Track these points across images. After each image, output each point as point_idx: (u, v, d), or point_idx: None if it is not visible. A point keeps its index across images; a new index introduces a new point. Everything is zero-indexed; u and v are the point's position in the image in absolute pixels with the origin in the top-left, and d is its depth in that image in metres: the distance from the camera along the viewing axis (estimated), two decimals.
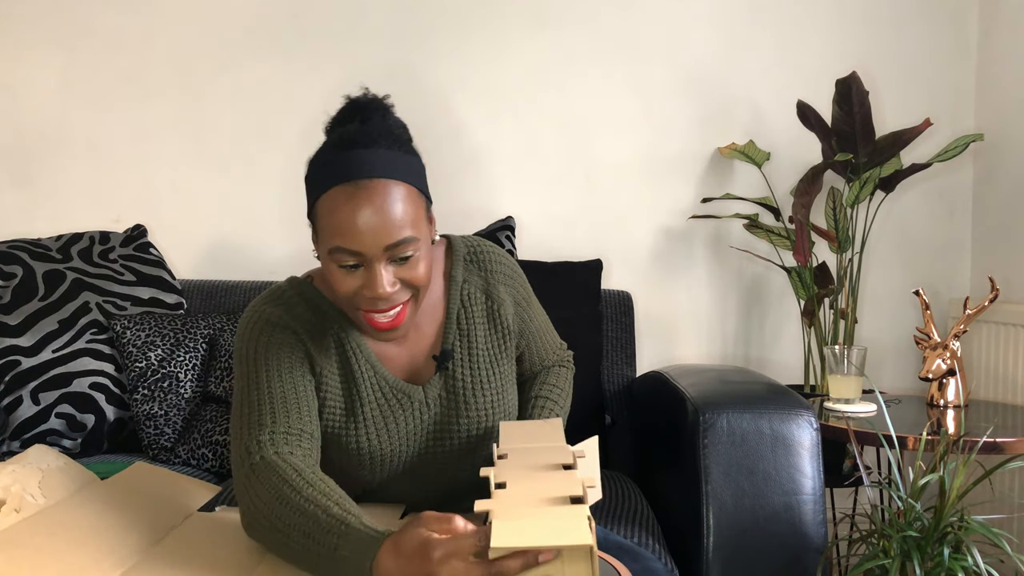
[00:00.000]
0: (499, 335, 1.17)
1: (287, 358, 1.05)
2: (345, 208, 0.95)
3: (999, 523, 2.00)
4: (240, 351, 1.07)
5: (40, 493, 1.06)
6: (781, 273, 2.28)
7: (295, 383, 1.05)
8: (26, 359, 1.87)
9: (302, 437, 1.02)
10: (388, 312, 1.00)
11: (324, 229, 0.97)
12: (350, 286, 0.98)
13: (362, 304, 1.00)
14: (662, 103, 2.29)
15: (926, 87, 2.28)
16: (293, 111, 2.28)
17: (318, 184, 0.98)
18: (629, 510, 1.47)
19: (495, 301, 1.17)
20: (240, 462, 1.00)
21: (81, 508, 1.05)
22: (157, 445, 1.82)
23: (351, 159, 0.96)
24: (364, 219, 0.94)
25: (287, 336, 1.06)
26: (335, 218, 0.95)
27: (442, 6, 2.27)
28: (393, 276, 0.98)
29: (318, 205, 0.98)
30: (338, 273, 0.98)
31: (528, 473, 0.85)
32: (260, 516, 0.94)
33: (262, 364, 1.05)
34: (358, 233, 0.95)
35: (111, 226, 2.27)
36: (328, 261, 0.99)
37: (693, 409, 1.39)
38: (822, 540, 1.34)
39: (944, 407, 1.89)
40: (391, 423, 1.10)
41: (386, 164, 0.97)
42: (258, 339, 1.06)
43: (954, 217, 2.31)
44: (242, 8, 2.28)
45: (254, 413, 1.02)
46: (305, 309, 1.09)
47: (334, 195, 0.96)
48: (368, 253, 0.96)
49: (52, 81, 2.29)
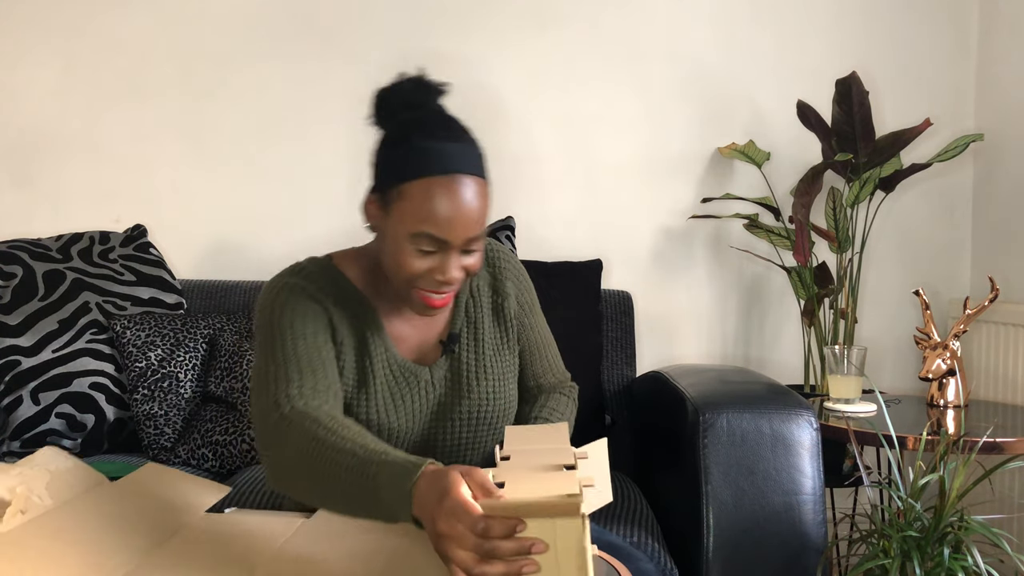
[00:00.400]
0: (502, 327, 1.23)
1: (311, 323, 1.09)
2: (442, 200, 1.01)
3: (999, 523, 2.00)
4: (263, 317, 1.10)
5: (47, 495, 1.05)
6: (781, 273, 2.28)
7: (319, 346, 1.08)
8: (26, 359, 1.87)
9: (328, 393, 1.05)
10: (444, 294, 1.07)
11: (410, 213, 1.02)
12: (420, 267, 1.04)
13: (424, 285, 1.06)
14: (662, 103, 2.29)
15: (926, 87, 2.28)
16: (293, 111, 2.28)
17: (408, 168, 1.02)
18: (629, 510, 1.47)
19: (501, 295, 1.23)
20: (267, 414, 1.01)
21: (87, 510, 1.05)
22: (157, 445, 1.82)
23: (448, 152, 1.02)
24: (457, 213, 1.01)
25: (311, 304, 1.10)
26: (429, 207, 1.01)
27: (442, 6, 2.27)
28: (460, 263, 1.06)
29: (407, 188, 1.02)
30: (412, 254, 1.03)
31: (528, 474, 0.86)
32: (292, 462, 0.95)
33: (287, 327, 1.08)
34: (449, 225, 1.01)
35: (111, 226, 2.27)
36: (405, 241, 1.03)
37: (693, 409, 1.39)
38: (822, 540, 1.34)
39: (944, 407, 1.89)
40: (398, 400, 1.14)
41: (474, 160, 1.04)
42: (284, 305, 1.09)
43: (954, 217, 2.31)
44: (242, 8, 2.28)
45: (280, 370, 1.05)
46: (327, 283, 1.13)
47: (430, 184, 1.01)
48: (453, 243, 1.03)
49: (52, 81, 2.29)
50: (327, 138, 2.29)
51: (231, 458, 1.76)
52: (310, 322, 1.09)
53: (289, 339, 1.07)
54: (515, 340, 1.24)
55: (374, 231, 1.10)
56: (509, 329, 1.23)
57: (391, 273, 1.08)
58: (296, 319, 1.08)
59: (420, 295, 1.07)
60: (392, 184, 1.04)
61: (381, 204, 1.06)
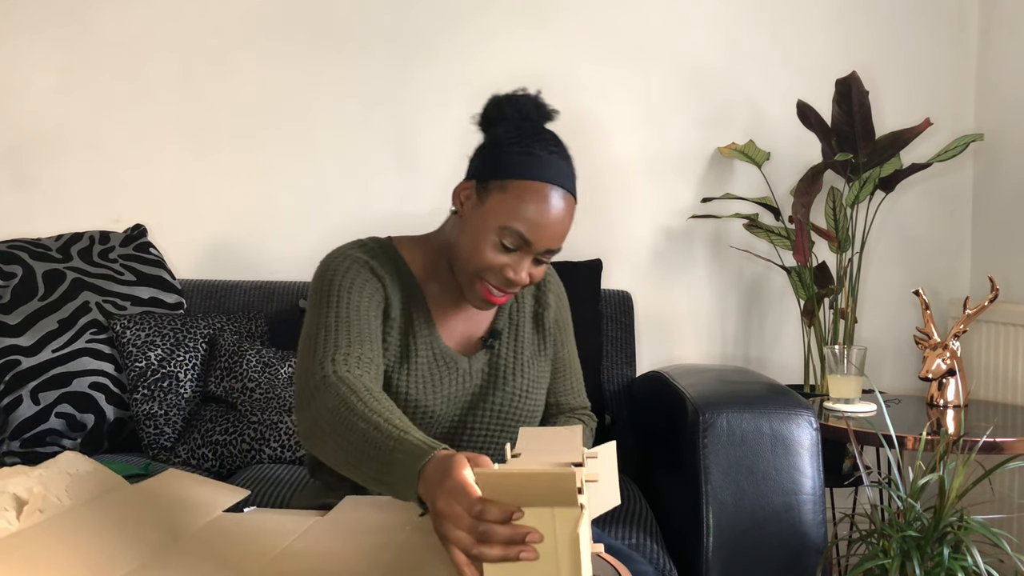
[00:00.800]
0: (540, 335, 1.28)
1: (367, 296, 1.13)
2: (541, 206, 1.08)
3: (999, 523, 1.99)
4: (322, 282, 1.13)
5: (67, 496, 1.06)
6: (781, 273, 2.28)
7: (369, 319, 1.12)
8: (26, 359, 1.87)
9: (371, 364, 1.08)
10: (505, 293, 1.13)
11: (506, 208, 1.08)
12: (495, 261, 1.10)
13: (491, 278, 1.11)
14: (662, 103, 2.29)
15: (926, 87, 2.28)
16: (293, 110, 2.28)
17: (518, 167, 1.09)
18: (629, 511, 1.47)
19: (542, 305, 1.29)
20: (309, 376, 1.05)
21: (105, 510, 1.05)
22: (157, 445, 1.82)
23: (556, 166, 1.11)
24: (550, 221, 1.09)
25: (368, 275, 1.14)
26: (527, 208, 1.08)
27: (442, 6, 2.27)
28: (530, 269, 1.12)
29: (511, 184, 1.09)
30: (494, 245, 1.09)
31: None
32: (323, 423, 0.98)
33: (343, 295, 1.11)
34: (539, 230, 1.08)
35: (111, 226, 2.27)
36: (491, 231, 1.09)
37: (693, 409, 1.39)
38: (822, 540, 1.34)
39: (944, 407, 1.89)
40: (437, 382, 1.18)
41: (572, 181, 1.13)
42: (345, 272, 1.13)
43: (954, 217, 2.31)
44: (242, 8, 2.28)
45: (330, 336, 1.08)
46: (386, 260, 1.18)
47: (534, 188, 1.08)
48: (535, 248, 1.09)
49: (52, 81, 2.29)
50: (327, 138, 2.29)
51: (231, 458, 1.76)
52: (366, 295, 1.13)
53: (344, 307, 1.11)
54: (550, 350, 1.29)
55: (459, 216, 1.15)
56: (546, 338, 1.28)
57: (463, 259, 1.12)
58: (354, 289, 1.12)
59: (483, 288, 1.12)
60: (497, 177, 1.10)
61: (479, 192, 1.11)
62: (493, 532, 0.74)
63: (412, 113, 2.29)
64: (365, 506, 1.10)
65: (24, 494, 1.01)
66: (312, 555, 0.96)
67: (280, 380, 1.84)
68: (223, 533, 1.05)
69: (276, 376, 1.84)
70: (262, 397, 1.82)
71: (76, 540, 0.95)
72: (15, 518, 0.97)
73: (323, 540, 1.01)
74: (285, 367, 1.86)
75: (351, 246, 1.18)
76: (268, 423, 1.78)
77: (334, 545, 0.98)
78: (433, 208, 2.29)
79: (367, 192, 2.29)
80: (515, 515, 0.74)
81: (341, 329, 1.09)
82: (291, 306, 2.08)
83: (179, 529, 1.05)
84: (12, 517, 0.97)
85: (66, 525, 0.98)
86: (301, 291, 2.11)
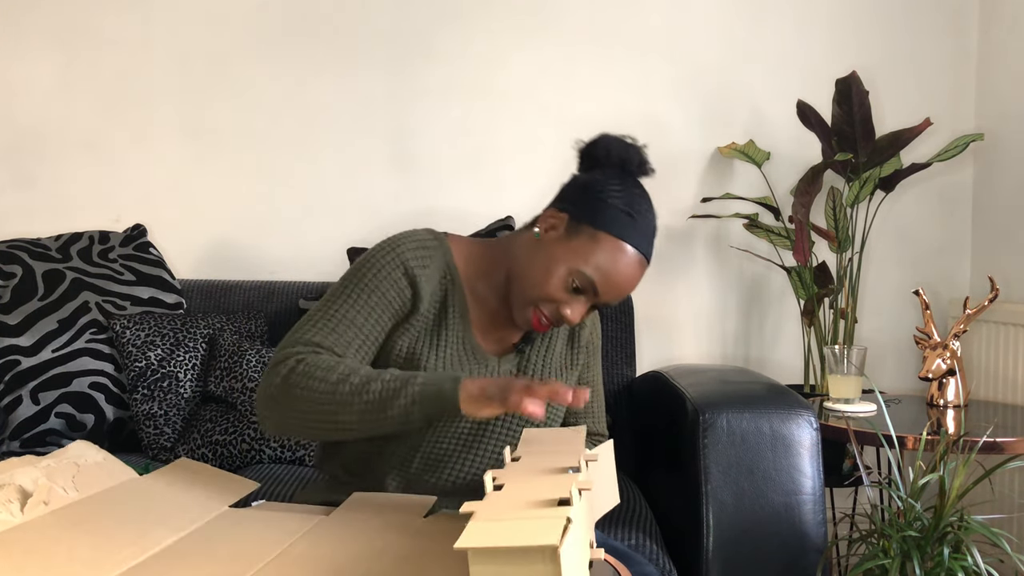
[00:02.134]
0: (572, 351, 1.29)
1: (386, 303, 1.15)
2: (621, 266, 1.13)
3: (999, 523, 1.99)
4: (354, 270, 1.16)
5: (73, 487, 1.05)
6: (781, 273, 2.28)
7: (373, 326, 1.14)
8: (26, 359, 1.87)
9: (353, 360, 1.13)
10: (552, 325, 1.16)
11: (589, 255, 1.12)
12: (558, 295, 1.13)
13: (547, 310, 1.14)
14: (662, 103, 2.29)
15: (926, 87, 2.28)
16: (293, 110, 2.28)
17: (613, 223, 1.13)
18: (628, 512, 1.47)
19: (579, 324, 1.28)
20: (292, 355, 1.08)
21: (111, 502, 1.05)
22: (157, 445, 1.82)
23: (645, 232, 1.16)
24: (623, 282, 1.13)
25: (399, 276, 1.15)
26: (607, 262, 1.12)
27: (442, 5, 2.27)
28: (584, 310, 1.16)
29: (601, 236, 1.12)
30: (562, 281, 1.13)
31: (529, 477, 0.85)
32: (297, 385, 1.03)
33: (361, 294, 1.14)
34: (611, 287, 1.13)
35: (111, 226, 2.27)
36: (564, 267, 1.12)
37: (693, 409, 1.39)
38: (822, 540, 1.34)
39: (944, 407, 1.89)
40: (465, 371, 1.18)
41: (651, 248, 1.17)
42: (376, 272, 1.15)
43: (954, 217, 2.31)
44: (242, 8, 2.28)
45: (330, 324, 1.12)
46: (435, 250, 1.19)
47: (622, 248, 1.13)
48: (599, 299, 1.14)
49: (52, 81, 2.29)
50: (327, 138, 2.29)
51: (231, 458, 1.76)
52: (387, 305, 1.15)
53: (357, 311, 1.13)
54: (579, 367, 1.30)
55: (538, 239, 1.16)
56: (578, 354, 1.29)
57: (527, 281, 1.15)
58: (376, 297, 1.14)
59: (535, 314, 1.14)
60: (593, 224, 1.13)
61: (568, 228, 1.14)
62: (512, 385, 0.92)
63: (411, 113, 2.29)
64: (371, 505, 1.09)
65: (30, 485, 1.01)
66: (310, 558, 0.96)
67: None
68: (225, 530, 1.04)
69: None
70: None
71: (79, 533, 0.94)
72: (19, 510, 0.97)
73: (320, 544, 1.00)
74: None
75: (404, 239, 1.19)
76: None
77: (330, 550, 0.98)
78: (431, 207, 2.29)
79: (367, 192, 2.29)
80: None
81: (341, 323, 1.12)
82: (291, 306, 2.08)
83: (183, 524, 1.04)
84: (16, 509, 0.97)
85: (70, 518, 0.98)
86: (301, 291, 2.11)
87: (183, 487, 1.15)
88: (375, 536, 1.00)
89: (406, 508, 1.10)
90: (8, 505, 0.97)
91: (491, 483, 0.84)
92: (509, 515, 0.74)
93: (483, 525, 0.73)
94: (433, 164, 2.29)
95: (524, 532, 0.70)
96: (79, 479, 1.08)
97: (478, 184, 2.28)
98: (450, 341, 1.18)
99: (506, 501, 0.78)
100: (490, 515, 0.75)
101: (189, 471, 1.21)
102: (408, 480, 1.19)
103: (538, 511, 0.74)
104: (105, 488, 1.09)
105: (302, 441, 1.77)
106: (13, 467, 1.04)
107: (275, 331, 2.04)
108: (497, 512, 0.75)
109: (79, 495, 1.05)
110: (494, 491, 0.82)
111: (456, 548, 0.70)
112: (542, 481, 0.83)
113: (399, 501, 1.12)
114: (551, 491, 0.79)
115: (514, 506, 0.76)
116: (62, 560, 0.88)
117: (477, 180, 2.29)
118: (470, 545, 0.69)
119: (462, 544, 0.69)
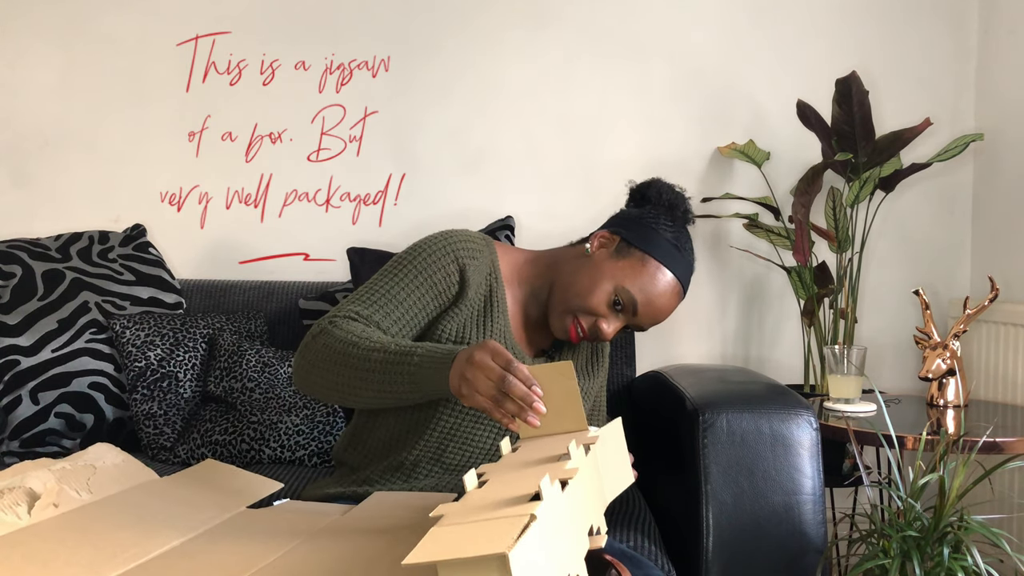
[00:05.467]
0: (593, 361, 1.37)
1: (432, 289, 1.20)
2: (662, 291, 1.22)
3: (999, 523, 1.99)
4: (406, 253, 1.22)
5: (87, 489, 1.05)
6: (781, 273, 2.28)
7: (414, 304, 1.19)
8: (25, 359, 1.87)
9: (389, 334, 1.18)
10: (586, 336, 1.23)
11: (636, 276, 1.21)
12: (599, 309, 1.21)
13: (585, 321, 1.22)
14: (662, 103, 2.29)
15: (926, 87, 2.28)
16: (293, 110, 2.28)
17: (661, 251, 1.22)
18: (627, 512, 1.47)
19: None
20: (328, 317, 1.14)
21: (124, 504, 1.04)
22: (156, 445, 1.82)
23: (687, 265, 1.25)
24: (661, 307, 1.23)
25: (448, 262, 1.20)
26: (652, 287, 1.21)
27: (442, 5, 2.27)
28: (618, 328, 1.24)
29: (651, 262, 1.22)
30: (606, 296, 1.21)
31: (516, 470, 0.84)
32: (333, 351, 1.08)
33: (410, 279, 1.19)
34: (650, 309, 1.22)
35: (110, 226, 2.27)
36: (610, 284, 1.21)
37: (693, 409, 1.38)
38: (822, 540, 1.33)
39: (944, 407, 1.89)
40: None
41: (689, 281, 1.27)
42: (427, 257, 1.20)
43: (954, 217, 2.31)
44: (242, 8, 2.28)
45: (373, 297, 1.17)
46: (484, 250, 1.25)
47: (666, 275, 1.22)
48: (635, 319, 1.22)
49: (52, 81, 2.29)
50: (327, 138, 2.29)
51: (231, 458, 1.76)
52: (432, 288, 1.19)
53: (402, 288, 1.18)
54: (597, 372, 1.37)
55: (587, 255, 1.25)
56: (598, 363, 1.37)
57: (571, 292, 1.22)
58: (423, 278, 1.19)
59: (571, 323, 1.22)
60: (643, 249, 1.22)
61: (619, 248, 1.23)
62: (513, 385, 0.90)
63: (412, 113, 2.29)
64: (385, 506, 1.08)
65: (39, 488, 1.00)
66: (302, 564, 0.95)
67: (280, 380, 1.84)
68: (235, 532, 1.04)
69: (276, 376, 1.84)
70: (262, 397, 1.82)
71: (83, 537, 0.94)
72: (26, 512, 0.96)
73: (316, 551, 0.99)
74: (285, 367, 1.86)
75: (456, 232, 1.24)
76: (268, 423, 1.77)
77: (326, 556, 0.97)
78: (431, 207, 2.29)
79: (366, 192, 2.29)
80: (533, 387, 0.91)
81: (386, 302, 1.17)
82: (291, 306, 2.07)
83: (194, 526, 1.03)
84: (23, 512, 0.96)
85: (78, 520, 0.97)
86: (301, 291, 2.11)
87: (201, 488, 1.14)
88: (371, 543, 1.00)
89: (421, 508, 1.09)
90: (15, 508, 0.96)
91: (475, 481, 0.82)
92: (474, 517, 0.72)
93: (443, 532, 0.70)
94: (433, 164, 2.29)
95: (478, 539, 0.67)
96: (95, 481, 1.07)
97: (478, 184, 2.28)
98: (495, 332, 1.24)
99: (479, 501, 0.76)
100: (456, 519, 0.72)
101: (212, 471, 1.21)
102: (433, 458, 1.22)
103: (504, 510, 0.72)
104: (122, 490, 1.08)
105: (302, 441, 1.77)
106: (27, 470, 1.04)
107: (275, 331, 2.04)
108: (464, 515, 0.73)
109: (93, 497, 1.04)
110: (480, 487, 0.80)
111: (403, 565, 0.67)
112: (525, 474, 0.81)
113: (413, 501, 1.12)
114: (529, 486, 0.76)
115: (484, 507, 0.74)
116: (61, 563, 0.87)
117: (477, 180, 2.29)
118: (416, 561, 0.66)
119: (409, 560, 0.66)
